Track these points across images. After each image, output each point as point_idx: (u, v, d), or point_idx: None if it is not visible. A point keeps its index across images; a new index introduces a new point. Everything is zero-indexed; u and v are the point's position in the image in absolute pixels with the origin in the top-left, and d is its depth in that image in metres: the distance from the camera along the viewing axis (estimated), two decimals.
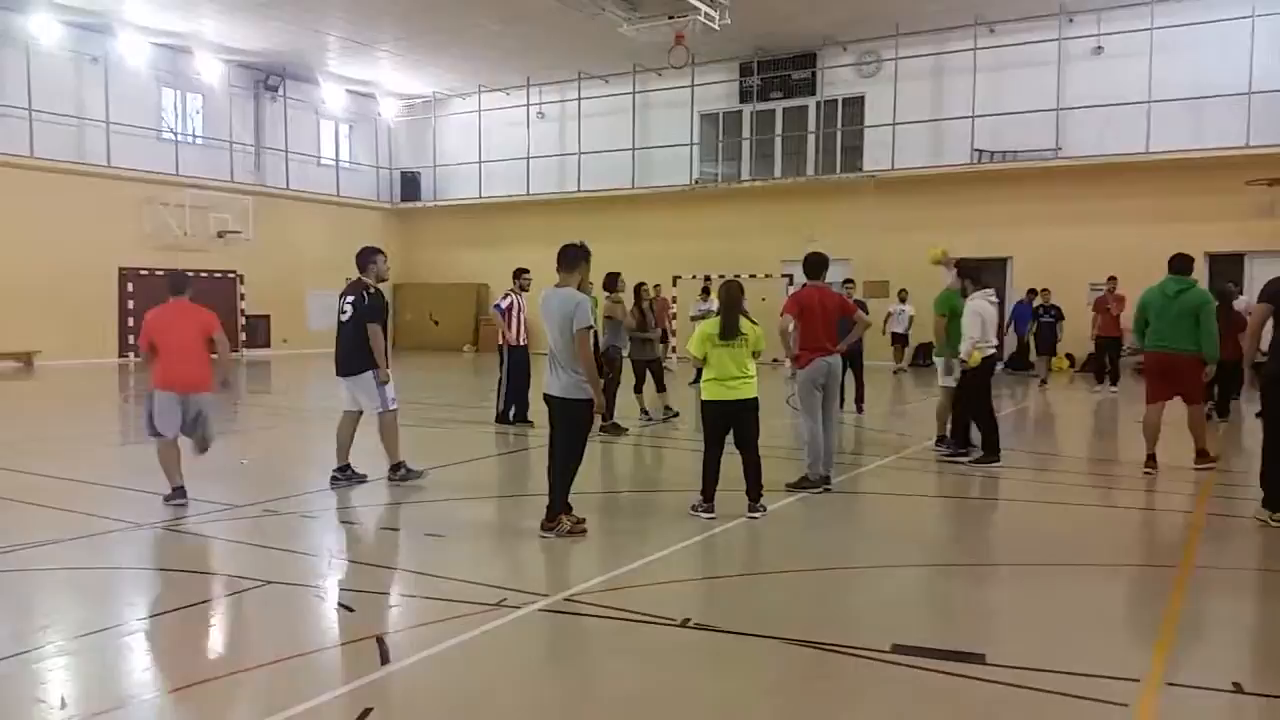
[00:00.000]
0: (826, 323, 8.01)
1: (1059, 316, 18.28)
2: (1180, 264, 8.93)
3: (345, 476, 8.22)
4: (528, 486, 8.69)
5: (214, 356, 7.70)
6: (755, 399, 7.03)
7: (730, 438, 7.05)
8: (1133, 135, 20.22)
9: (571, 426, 6.48)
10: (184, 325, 7.70)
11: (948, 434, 10.05)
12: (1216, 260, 19.93)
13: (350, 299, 8.19)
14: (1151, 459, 8.87)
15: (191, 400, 7.54)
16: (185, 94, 25.60)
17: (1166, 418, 8.96)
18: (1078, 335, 19.36)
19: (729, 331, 6.93)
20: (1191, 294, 8.72)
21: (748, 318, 7.08)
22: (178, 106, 25.60)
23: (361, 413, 8.31)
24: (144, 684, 4.11)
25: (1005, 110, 21.72)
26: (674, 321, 22.19)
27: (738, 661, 4.34)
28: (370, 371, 8.14)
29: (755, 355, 7.09)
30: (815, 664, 4.28)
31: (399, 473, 8.29)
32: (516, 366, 11.92)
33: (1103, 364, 17.03)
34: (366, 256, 8.32)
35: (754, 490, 7.01)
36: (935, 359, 10.70)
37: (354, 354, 8.14)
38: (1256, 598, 5.58)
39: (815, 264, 8.22)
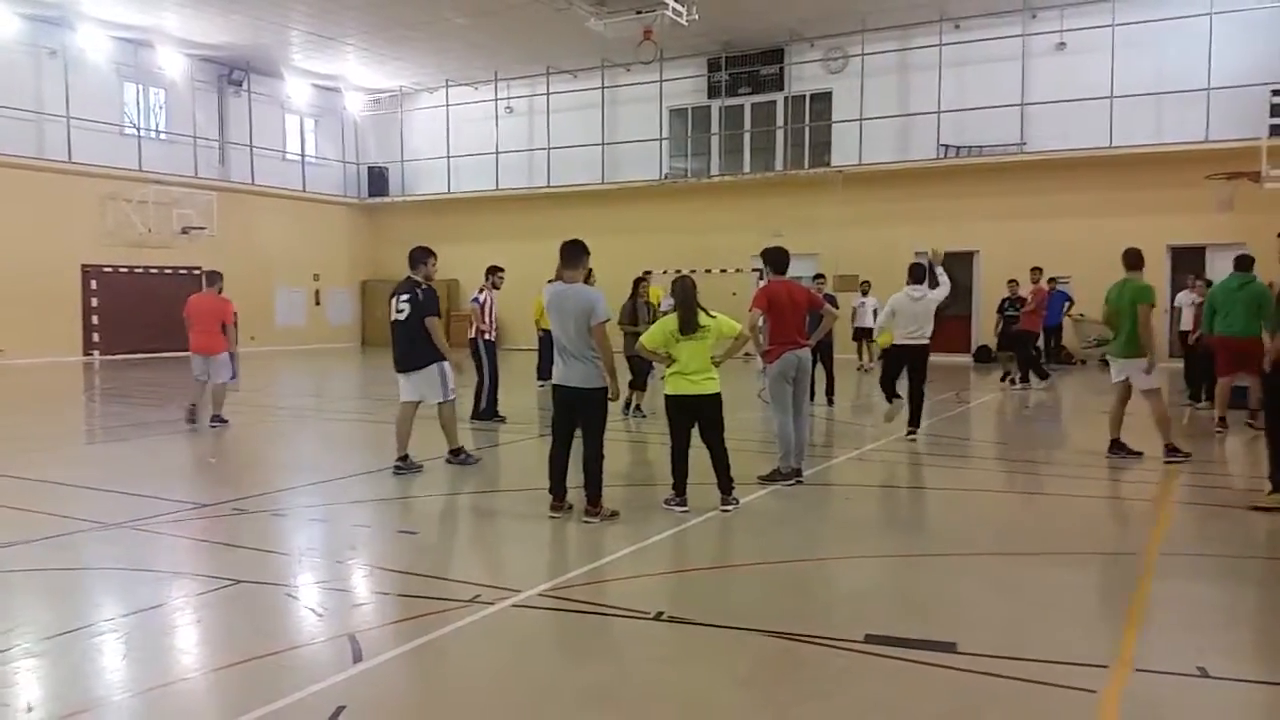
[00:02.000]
0: (796, 316, 8.05)
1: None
2: (1243, 263, 10.53)
3: (406, 465, 8.45)
4: (501, 482, 8.67)
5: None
6: (718, 394, 7.03)
7: (696, 432, 7.07)
8: (1096, 130, 20.49)
9: (597, 413, 6.71)
10: (208, 309, 11.61)
11: (1172, 443, 9.03)
12: (1178, 253, 20.27)
13: (405, 297, 8.38)
14: (1222, 420, 10.75)
15: (209, 360, 11.55)
16: (148, 88, 25.25)
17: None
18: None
19: (688, 326, 6.93)
20: (1253, 287, 10.25)
21: (704, 311, 7.03)
22: (140, 101, 25.24)
23: (420, 403, 8.60)
24: (113, 685, 4.05)
25: (971, 105, 21.94)
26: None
27: (711, 654, 4.35)
28: (435, 364, 8.44)
29: (737, 340, 7.22)
30: (789, 655, 4.31)
31: (460, 456, 8.80)
32: (492, 361, 12.15)
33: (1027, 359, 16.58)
34: (419, 256, 8.60)
35: (724, 483, 7.03)
36: (1119, 359, 9.13)
37: (415, 349, 8.43)
38: (1221, 582, 5.69)
39: (779, 258, 8.21)
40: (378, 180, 30.58)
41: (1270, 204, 16.47)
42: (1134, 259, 9.12)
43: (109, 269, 23.70)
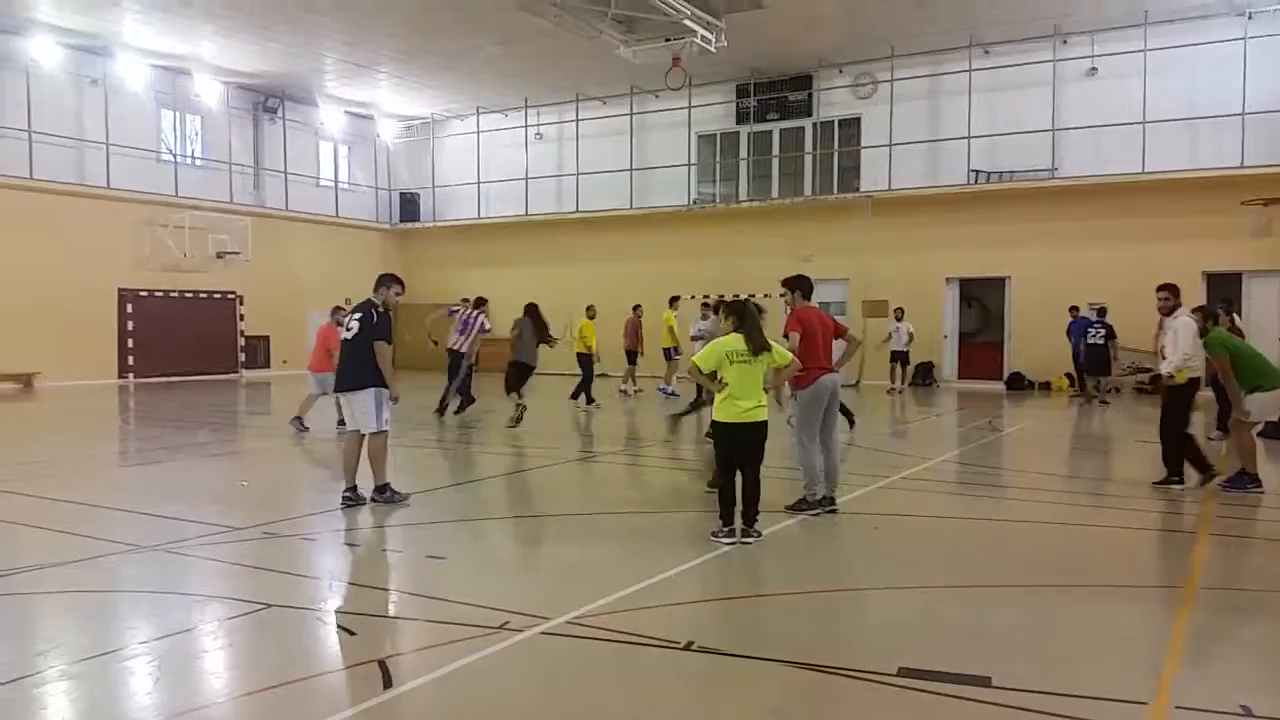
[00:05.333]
0: (826, 341, 8.02)
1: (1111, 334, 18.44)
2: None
3: (356, 497, 8.21)
4: (530, 508, 8.66)
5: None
6: (766, 422, 6.97)
7: None
8: (1128, 155, 20.32)
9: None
10: (323, 336, 13.61)
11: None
12: (1214, 279, 20.02)
13: (358, 316, 8.28)
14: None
15: (321, 377, 13.26)
16: (184, 115, 25.69)
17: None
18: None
19: (760, 346, 6.83)
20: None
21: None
22: (177, 128, 25.69)
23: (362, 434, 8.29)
24: (145, 709, 4.07)
25: (1001, 131, 21.85)
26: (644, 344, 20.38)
27: (742, 684, 4.31)
28: (371, 389, 8.12)
29: (789, 368, 7.21)
30: (820, 687, 4.26)
31: (384, 495, 8.26)
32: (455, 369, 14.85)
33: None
34: (383, 280, 8.54)
35: (751, 514, 6.89)
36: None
37: (354, 370, 8.18)
38: (1263, 617, 5.57)
39: (807, 284, 8.26)
40: (409, 206, 30.88)
41: None
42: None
43: (145, 293, 24.04)
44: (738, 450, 6.91)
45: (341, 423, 12.14)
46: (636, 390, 20.04)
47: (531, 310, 14.24)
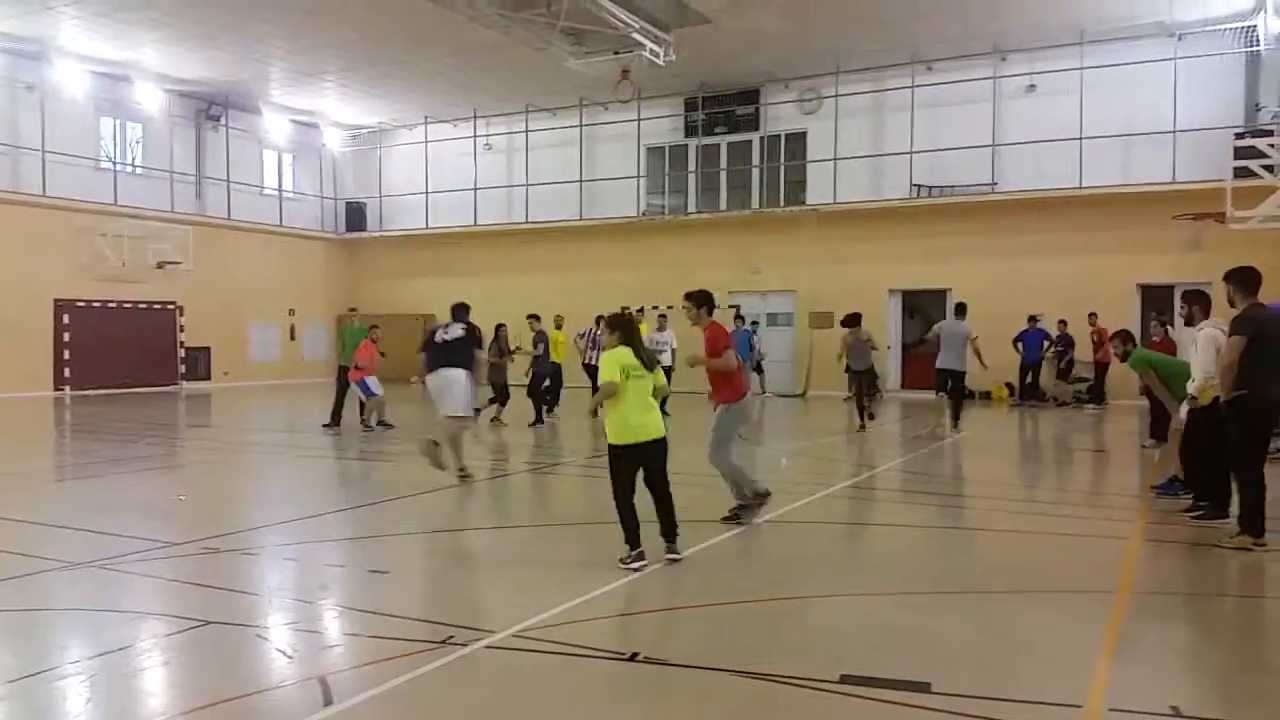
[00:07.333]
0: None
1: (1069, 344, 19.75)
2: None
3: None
4: (474, 520, 8.62)
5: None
6: (665, 437, 6.61)
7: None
8: (1066, 170, 20.84)
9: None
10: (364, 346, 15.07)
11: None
12: (1148, 291, 20.59)
13: (463, 327, 10.27)
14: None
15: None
16: (125, 123, 25.18)
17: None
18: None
19: (650, 362, 6.56)
20: None
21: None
22: (117, 135, 25.16)
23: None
24: None
25: (943, 146, 22.26)
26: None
27: (689, 696, 4.33)
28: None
29: (656, 393, 6.63)
30: (766, 697, 4.29)
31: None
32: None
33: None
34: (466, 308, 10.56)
35: (669, 530, 6.61)
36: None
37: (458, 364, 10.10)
38: (1192, 620, 5.73)
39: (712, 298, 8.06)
40: (355, 215, 30.55)
41: (1235, 243, 16.75)
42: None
43: (82, 303, 23.47)
44: (644, 470, 6.56)
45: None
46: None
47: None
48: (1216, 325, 8.04)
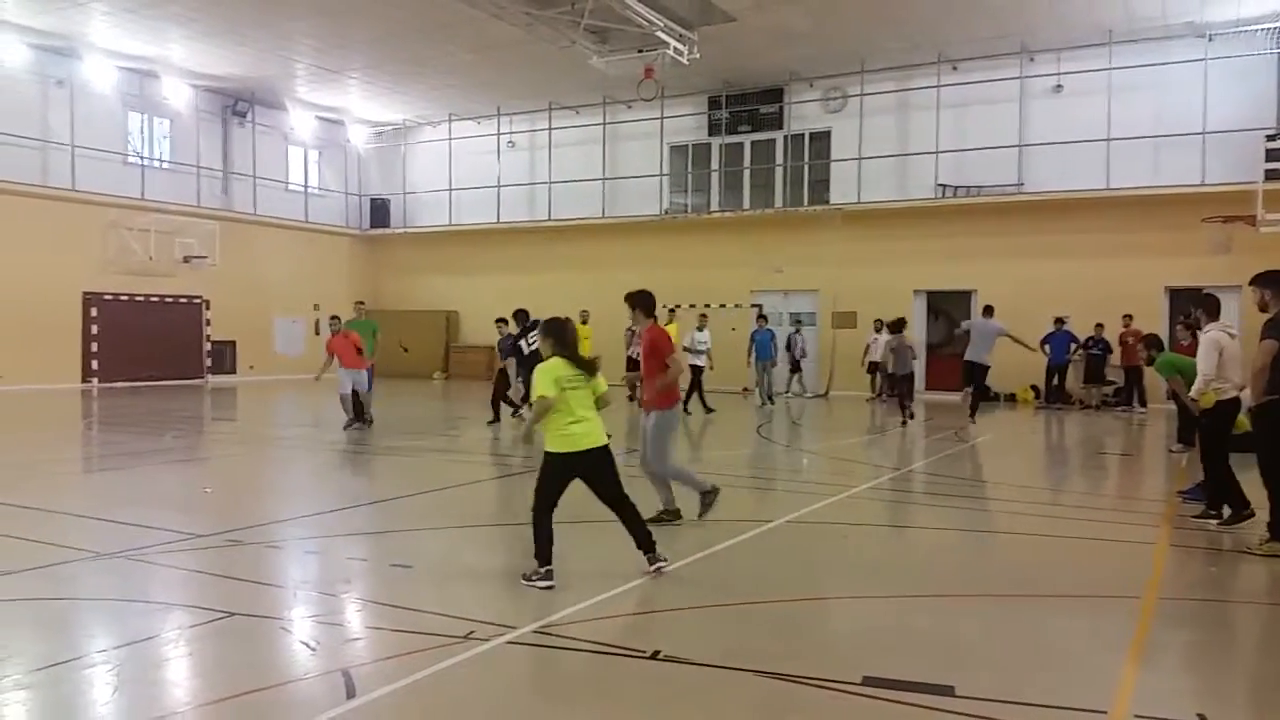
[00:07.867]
0: None
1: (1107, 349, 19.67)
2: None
3: None
4: (496, 516, 8.63)
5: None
6: (608, 445, 6.16)
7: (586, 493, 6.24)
8: (1093, 171, 20.65)
9: None
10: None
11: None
12: (1176, 294, 20.36)
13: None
14: None
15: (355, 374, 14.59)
16: (152, 118, 25.42)
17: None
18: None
19: (591, 369, 6.07)
20: None
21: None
22: (144, 130, 25.40)
23: None
24: (103, 719, 4.01)
25: (968, 146, 22.12)
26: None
27: (709, 695, 4.32)
28: None
29: (598, 402, 6.13)
30: (787, 697, 4.28)
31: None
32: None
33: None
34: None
35: (645, 540, 6.23)
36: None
37: None
38: (1220, 627, 5.66)
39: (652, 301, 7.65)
40: (379, 212, 30.74)
41: (1266, 247, 16.54)
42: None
43: (110, 297, 23.73)
44: (593, 487, 6.16)
45: (349, 424, 14.43)
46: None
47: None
48: (1222, 329, 7.93)
